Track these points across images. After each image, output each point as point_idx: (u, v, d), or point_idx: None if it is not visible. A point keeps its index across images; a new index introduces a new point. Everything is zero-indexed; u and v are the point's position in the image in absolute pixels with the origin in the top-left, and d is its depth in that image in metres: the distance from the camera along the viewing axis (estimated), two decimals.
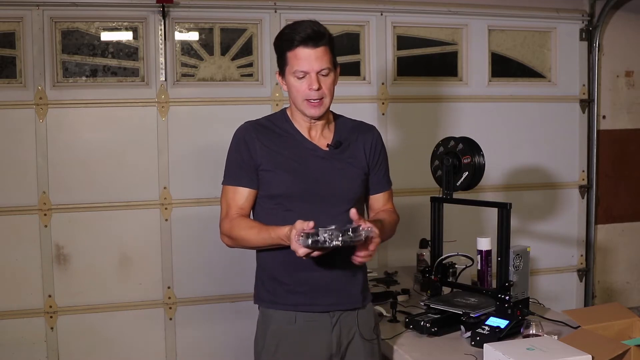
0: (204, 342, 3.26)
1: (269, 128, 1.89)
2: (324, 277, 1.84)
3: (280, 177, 1.83)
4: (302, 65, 1.79)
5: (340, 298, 1.87)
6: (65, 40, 3.11)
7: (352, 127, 1.98)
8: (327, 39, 1.81)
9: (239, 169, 1.86)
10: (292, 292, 1.84)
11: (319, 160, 1.87)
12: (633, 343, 1.74)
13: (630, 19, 3.83)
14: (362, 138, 1.96)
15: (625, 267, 3.97)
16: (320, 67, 1.79)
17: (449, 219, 2.53)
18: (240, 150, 1.86)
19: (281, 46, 1.83)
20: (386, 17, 3.44)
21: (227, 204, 1.88)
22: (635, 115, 3.91)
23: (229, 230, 1.85)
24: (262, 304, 1.90)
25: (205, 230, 2.99)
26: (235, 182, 1.87)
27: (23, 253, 3.06)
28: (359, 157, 1.94)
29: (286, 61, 1.82)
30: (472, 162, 2.31)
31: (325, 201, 1.84)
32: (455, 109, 3.57)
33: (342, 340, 1.88)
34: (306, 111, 1.84)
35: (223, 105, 3.23)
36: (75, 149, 3.09)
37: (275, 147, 1.86)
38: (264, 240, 1.78)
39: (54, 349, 3.10)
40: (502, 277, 2.19)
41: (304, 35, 1.77)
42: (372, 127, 2.02)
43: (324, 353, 1.85)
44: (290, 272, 1.84)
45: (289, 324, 1.84)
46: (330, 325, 1.86)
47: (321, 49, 1.79)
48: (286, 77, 1.84)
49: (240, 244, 1.84)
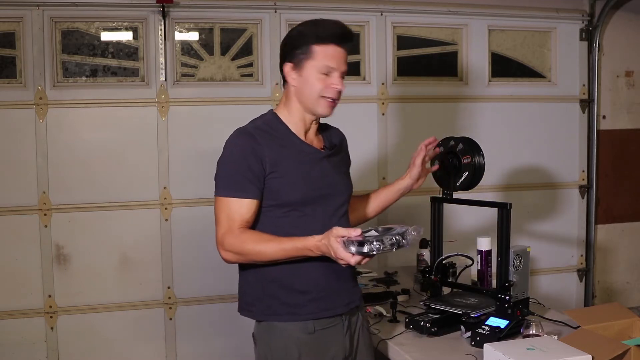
0: (204, 342, 3.26)
1: (269, 133, 1.79)
2: (338, 279, 1.83)
3: (291, 183, 1.76)
4: (332, 61, 1.76)
5: (350, 296, 1.88)
6: (65, 40, 3.11)
7: (328, 128, 2.00)
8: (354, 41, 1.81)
9: (246, 179, 1.72)
10: (313, 299, 1.78)
11: (322, 162, 1.86)
12: (633, 343, 1.74)
13: (630, 19, 3.83)
14: (339, 138, 2.01)
15: (625, 267, 3.97)
16: (345, 68, 1.80)
17: (449, 219, 2.53)
18: (246, 159, 1.73)
19: (308, 37, 1.76)
20: (386, 17, 3.44)
21: (229, 217, 1.72)
22: (635, 115, 3.91)
23: (237, 246, 1.70)
24: (273, 318, 1.78)
25: (205, 230, 2.95)
26: (241, 194, 1.72)
27: (23, 253, 3.06)
28: (345, 157, 2.00)
29: (310, 54, 1.75)
30: (472, 162, 2.31)
31: (333, 201, 1.84)
32: (455, 109, 3.57)
33: (353, 339, 1.89)
34: (319, 108, 1.80)
35: (223, 105, 3.23)
36: (75, 149, 3.09)
37: (282, 151, 1.77)
38: (286, 253, 1.67)
39: (54, 349, 3.10)
40: (502, 277, 2.19)
41: (340, 33, 1.76)
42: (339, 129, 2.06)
43: (340, 356, 1.84)
44: (308, 279, 1.77)
45: (308, 334, 1.77)
46: (343, 328, 1.85)
47: (346, 51, 1.80)
48: (304, 70, 1.77)
49: (251, 258, 1.72)
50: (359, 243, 1.53)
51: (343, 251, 1.55)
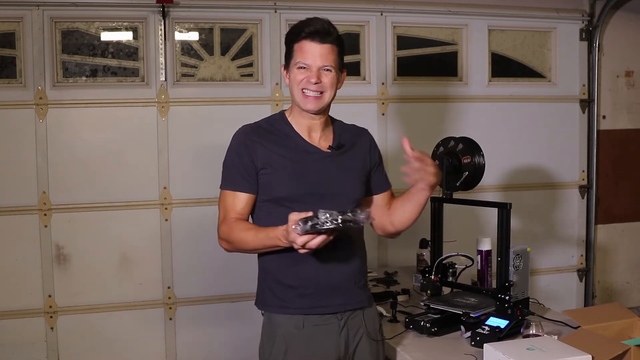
0: (204, 342, 3.26)
1: (268, 130, 1.87)
2: (330, 277, 1.82)
3: (282, 180, 1.81)
4: (305, 57, 1.79)
5: (347, 298, 1.86)
6: (65, 40, 3.11)
7: (348, 129, 1.99)
8: (334, 37, 1.81)
9: (238, 174, 1.83)
10: (302, 295, 1.81)
11: (321, 162, 1.86)
12: (633, 343, 1.74)
13: (630, 19, 3.83)
14: (360, 140, 1.98)
15: (625, 267, 3.97)
16: (322, 64, 1.79)
17: (449, 219, 2.53)
18: (240, 155, 1.83)
19: (289, 39, 1.84)
20: (386, 17, 3.44)
21: (225, 208, 1.85)
22: (635, 115, 3.91)
23: (227, 234, 1.82)
24: (268, 309, 1.86)
25: (205, 230, 2.98)
26: (234, 187, 1.84)
27: (23, 253, 3.06)
28: (359, 159, 1.95)
29: (291, 53, 1.83)
30: (472, 162, 2.31)
31: (327, 203, 1.81)
32: (455, 109, 3.57)
33: (350, 342, 1.87)
34: (302, 104, 1.83)
35: (223, 105, 3.23)
36: (75, 149, 3.09)
37: (277, 149, 1.84)
38: (261, 241, 1.74)
39: (54, 349, 3.10)
40: (502, 277, 2.19)
41: (312, 29, 1.78)
42: (365, 130, 2.04)
43: (333, 356, 1.83)
44: (296, 274, 1.81)
45: (297, 329, 1.81)
46: (338, 327, 1.84)
47: (327, 47, 1.79)
48: (290, 70, 1.84)
49: (238, 247, 1.81)
50: (304, 221, 1.51)
51: (291, 233, 1.56)
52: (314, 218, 1.52)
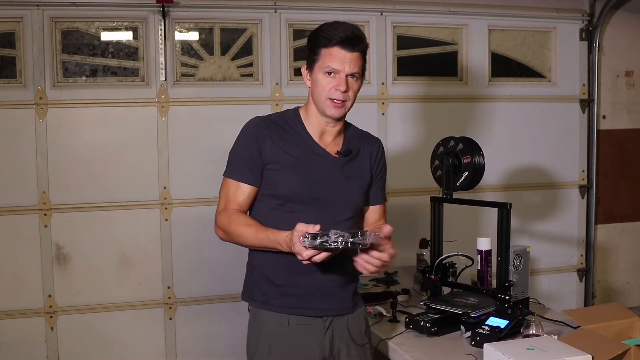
0: (204, 342, 3.26)
1: (280, 126, 1.87)
2: (318, 281, 1.83)
3: (287, 178, 1.82)
4: (335, 63, 1.78)
5: (333, 303, 1.87)
6: (65, 40, 3.11)
7: (360, 136, 1.99)
8: (363, 45, 1.81)
9: (245, 165, 1.83)
10: (285, 294, 1.83)
11: (328, 166, 1.86)
12: (633, 343, 1.74)
13: (630, 19, 3.83)
14: (369, 148, 1.98)
15: (625, 267, 3.97)
16: (351, 71, 1.80)
17: (449, 219, 2.53)
18: (249, 146, 1.83)
19: (317, 41, 1.81)
20: (386, 17, 3.44)
21: (226, 197, 1.86)
22: (635, 115, 3.91)
23: (225, 224, 1.82)
24: (253, 303, 1.89)
25: (205, 230, 2.96)
26: (239, 178, 1.84)
27: (23, 253, 3.06)
28: (365, 167, 1.95)
29: (318, 57, 1.81)
30: (472, 162, 2.31)
31: (329, 207, 1.84)
32: (455, 109, 3.56)
33: (335, 344, 1.88)
34: (327, 110, 1.83)
35: (223, 105, 3.23)
36: (75, 149, 3.09)
37: (286, 146, 1.84)
38: (260, 241, 1.76)
39: (54, 349, 3.10)
40: (502, 277, 2.19)
41: (343, 36, 1.78)
42: (378, 140, 2.04)
43: (317, 357, 1.85)
44: (283, 274, 1.83)
45: (282, 327, 1.83)
46: (323, 329, 1.86)
47: (356, 54, 1.80)
48: (314, 72, 1.82)
49: (235, 239, 1.82)
50: (313, 236, 1.53)
51: (298, 244, 1.57)
52: (324, 236, 1.53)
